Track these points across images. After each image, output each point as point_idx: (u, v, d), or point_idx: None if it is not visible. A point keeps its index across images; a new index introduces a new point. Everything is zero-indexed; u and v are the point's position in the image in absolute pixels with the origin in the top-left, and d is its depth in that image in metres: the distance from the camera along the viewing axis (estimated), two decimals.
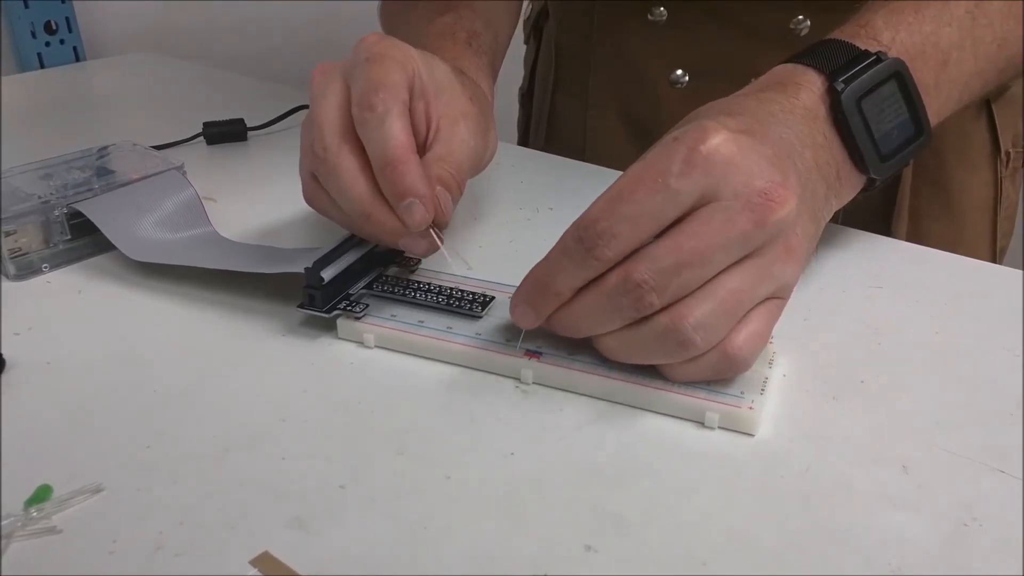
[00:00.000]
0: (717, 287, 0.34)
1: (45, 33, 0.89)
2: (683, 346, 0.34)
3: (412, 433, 0.35)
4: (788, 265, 0.35)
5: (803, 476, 0.33)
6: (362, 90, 0.41)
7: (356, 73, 0.42)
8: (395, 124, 0.40)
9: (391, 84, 0.41)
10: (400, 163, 0.40)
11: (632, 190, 0.34)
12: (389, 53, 0.42)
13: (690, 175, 0.33)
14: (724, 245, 0.33)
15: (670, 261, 0.33)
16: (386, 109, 0.40)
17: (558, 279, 0.35)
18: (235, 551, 0.29)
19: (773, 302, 0.36)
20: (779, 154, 0.36)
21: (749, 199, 0.33)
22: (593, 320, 0.35)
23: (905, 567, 0.29)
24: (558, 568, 0.29)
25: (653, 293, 0.33)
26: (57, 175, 0.51)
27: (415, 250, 0.43)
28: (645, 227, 0.33)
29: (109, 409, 0.37)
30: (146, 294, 0.45)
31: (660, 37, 0.63)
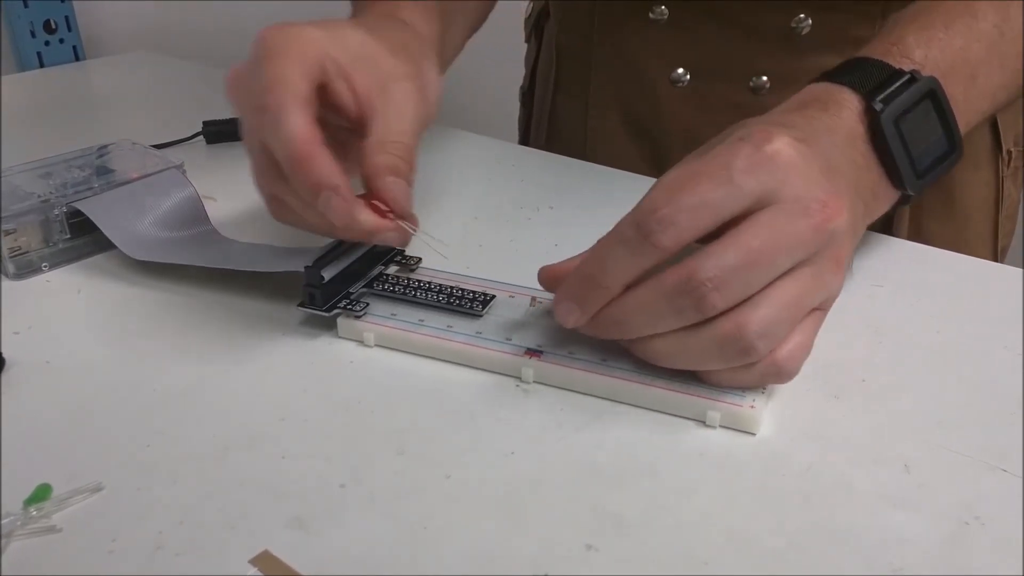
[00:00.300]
0: (779, 293, 0.33)
1: (45, 32, 0.89)
2: (745, 353, 0.33)
3: (412, 432, 0.35)
4: (837, 276, 0.35)
5: (804, 475, 0.33)
6: (254, 95, 0.39)
7: (253, 80, 0.40)
8: (290, 121, 0.38)
9: (281, 80, 0.39)
10: (303, 159, 0.38)
11: (695, 181, 0.33)
12: (282, 47, 0.40)
13: (754, 172, 0.33)
14: (788, 248, 0.33)
15: (735, 260, 0.33)
16: (278, 107, 0.38)
17: (609, 270, 0.34)
18: (235, 550, 0.29)
19: (817, 313, 0.36)
20: (829, 168, 0.36)
21: (808, 205, 0.33)
22: (647, 319, 0.34)
23: (906, 567, 0.29)
24: (558, 568, 0.29)
25: (717, 293, 0.33)
26: (57, 174, 0.51)
27: (387, 242, 0.41)
28: (705, 218, 0.33)
29: (109, 408, 0.37)
30: (146, 293, 0.45)
31: (661, 36, 0.62)
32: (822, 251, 0.34)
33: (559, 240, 0.51)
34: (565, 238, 0.51)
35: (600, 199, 0.56)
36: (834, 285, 0.36)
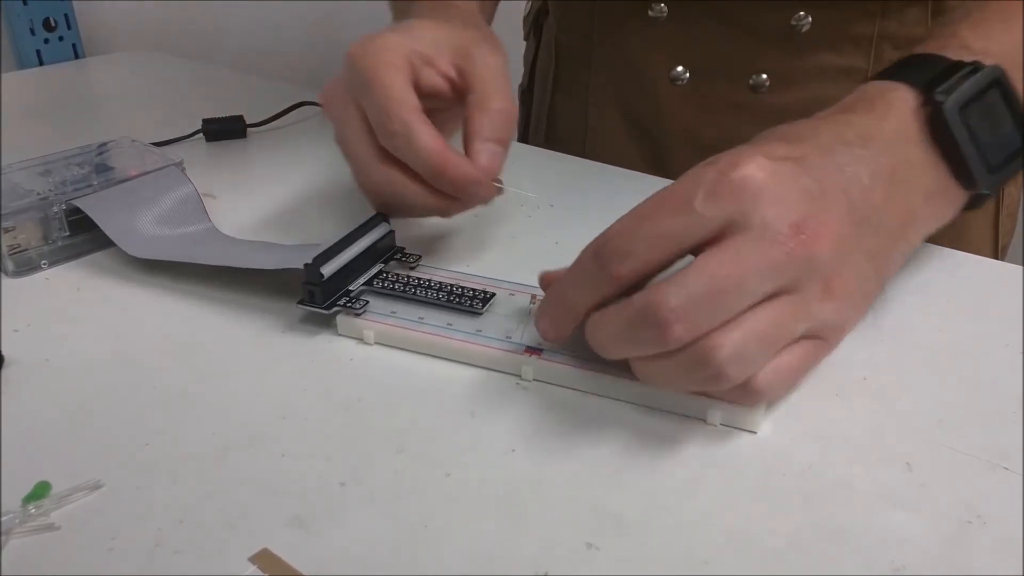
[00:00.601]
0: (753, 320, 0.32)
1: (44, 30, 0.89)
2: (715, 379, 0.32)
3: (412, 431, 0.35)
4: (828, 304, 0.33)
5: (805, 474, 0.33)
6: (377, 119, 0.42)
7: (363, 98, 0.43)
8: (419, 137, 0.42)
9: (396, 99, 0.42)
10: (442, 167, 0.42)
11: (655, 210, 0.33)
12: (378, 63, 0.43)
13: (716, 200, 0.32)
14: (756, 274, 0.32)
15: (701, 288, 0.31)
16: (404, 127, 0.42)
17: (573, 295, 0.35)
18: (235, 549, 0.29)
19: (812, 342, 0.34)
20: (827, 188, 0.34)
21: (780, 231, 0.32)
22: (615, 345, 0.34)
23: (907, 566, 0.29)
24: (559, 566, 0.29)
25: (680, 325, 0.31)
26: (56, 171, 0.51)
27: (485, 197, 0.44)
28: (663, 248, 0.33)
29: (108, 406, 0.37)
30: (145, 291, 0.45)
31: (660, 34, 0.62)
32: (806, 279, 0.33)
33: (559, 238, 0.50)
34: (565, 236, 0.51)
35: (600, 197, 0.56)
36: (826, 313, 0.34)
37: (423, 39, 0.45)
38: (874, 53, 0.58)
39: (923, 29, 0.58)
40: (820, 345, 0.35)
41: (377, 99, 0.42)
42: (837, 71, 0.59)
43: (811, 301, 0.33)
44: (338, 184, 0.59)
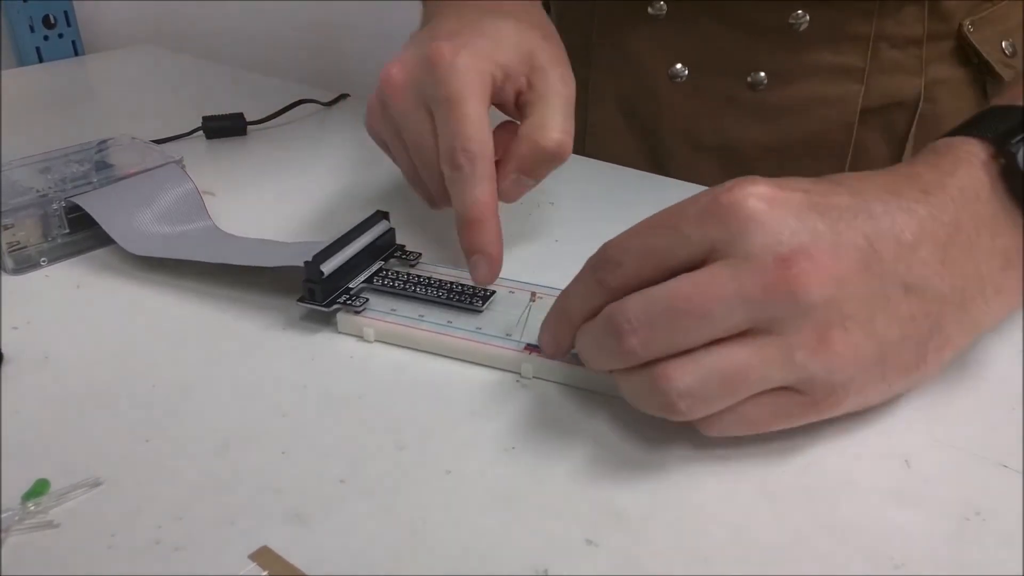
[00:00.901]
0: (719, 355, 0.30)
1: (44, 27, 0.89)
2: (669, 408, 0.31)
3: (412, 428, 0.35)
4: (818, 358, 0.30)
5: (805, 471, 0.33)
6: (448, 146, 0.41)
7: (437, 111, 0.42)
8: (478, 187, 0.41)
9: (473, 136, 0.41)
10: (477, 223, 0.41)
11: (650, 225, 0.33)
12: (464, 85, 0.41)
13: (703, 223, 0.31)
14: (726, 302, 0.30)
15: (663, 305, 0.30)
16: (471, 170, 0.41)
17: (570, 305, 0.35)
18: (234, 546, 0.29)
19: (792, 397, 0.31)
20: (844, 231, 0.31)
21: (764, 263, 0.30)
22: (590, 354, 0.34)
23: (907, 562, 0.29)
24: (559, 563, 0.29)
25: (635, 336, 0.30)
26: (55, 169, 0.51)
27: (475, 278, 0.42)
28: (648, 264, 0.32)
29: (107, 403, 0.37)
30: (145, 288, 0.45)
31: (660, 32, 0.62)
32: (789, 320, 0.30)
33: (559, 236, 0.50)
34: (565, 234, 0.51)
35: (600, 195, 0.56)
36: (813, 368, 0.30)
37: (506, 48, 0.44)
38: (871, 52, 0.58)
39: (920, 28, 0.58)
40: (802, 404, 0.31)
41: (453, 126, 0.41)
42: (834, 69, 0.59)
43: (795, 348, 0.30)
44: (338, 182, 0.59)
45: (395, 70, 0.43)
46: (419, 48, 0.43)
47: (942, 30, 0.59)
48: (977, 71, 0.61)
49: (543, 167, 0.44)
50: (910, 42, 0.58)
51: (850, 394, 0.31)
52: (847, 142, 0.60)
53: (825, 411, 0.32)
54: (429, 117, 0.42)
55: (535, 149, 0.43)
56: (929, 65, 0.59)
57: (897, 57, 0.58)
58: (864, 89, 0.59)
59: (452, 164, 0.41)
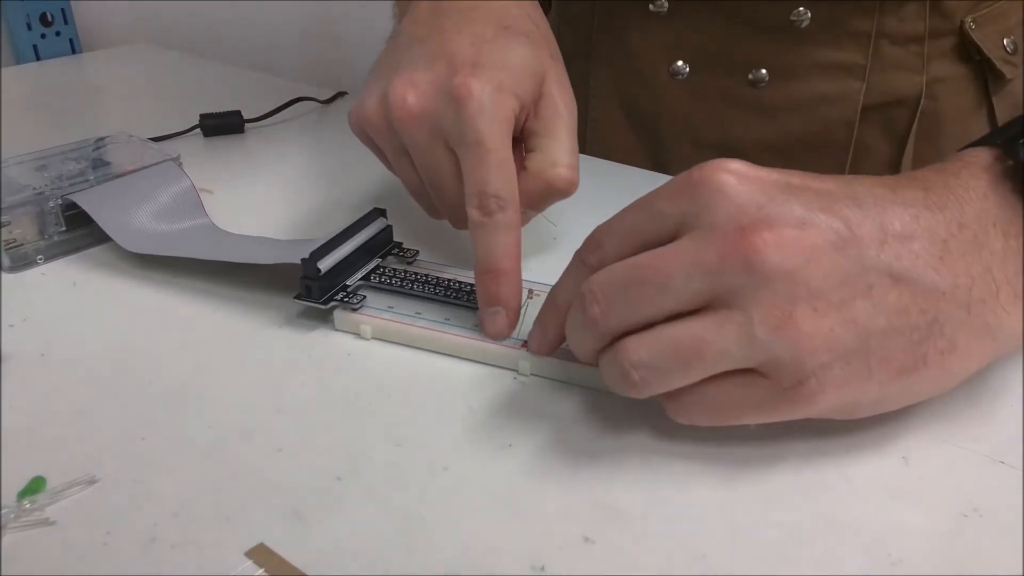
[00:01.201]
0: (676, 328, 0.30)
1: (41, 25, 0.89)
2: (624, 379, 0.31)
3: (409, 425, 0.35)
4: (781, 335, 0.29)
5: (802, 467, 0.32)
6: (479, 191, 0.39)
7: (461, 149, 0.40)
8: (509, 236, 0.39)
9: (508, 187, 0.39)
10: (502, 275, 0.39)
11: (630, 207, 0.33)
12: (491, 123, 0.39)
13: (673, 198, 0.31)
14: (684, 270, 0.30)
15: (623, 275, 0.31)
16: (503, 218, 0.39)
17: (558, 289, 0.36)
18: (230, 543, 0.29)
19: (755, 380, 0.30)
20: (820, 212, 0.30)
21: (725, 232, 0.29)
22: (568, 334, 0.34)
23: (905, 559, 0.28)
24: (556, 560, 0.29)
25: (596, 305, 0.31)
26: (52, 166, 0.51)
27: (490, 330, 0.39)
28: (626, 242, 0.33)
29: (104, 401, 0.36)
30: (141, 286, 0.45)
31: (661, 28, 0.62)
32: (748, 292, 0.29)
33: (557, 233, 0.50)
34: (563, 232, 0.51)
35: (599, 192, 0.56)
36: (776, 348, 0.29)
37: (523, 78, 0.41)
38: (872, 49, 0.58)
39: (921, 25, 0.58)
40: (771, 391, 0.30)
41: (484, 173, 0.39)
42: (836, 66, 0.59)
43: (755, 323, 0.29)
44: (336, 180, 0.59)
45: (411, 97, 0.40)
46: (431, 70, 0.41)
47: (943, 27, 0.59)
48: (978, 68, 0.61)
49: (551, 202, 0.43)
50: (911, 39, 0.58)
51: (826, 386, 0.29)
52: (848, 140, 0.60)
53: (799, 402, 0.30)
54: (450, 154, 0.41)
55: (545, 187, 0.42)
56: (930, 62, 0.59)
57: (898, 54, 0.58)
58: (865, 86, 0.58)
59: (483, 210, 0.39)
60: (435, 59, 0.41)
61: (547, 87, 0.43)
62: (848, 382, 0.30)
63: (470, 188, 0.39)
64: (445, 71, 0.40)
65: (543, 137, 0.42)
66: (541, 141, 0.42)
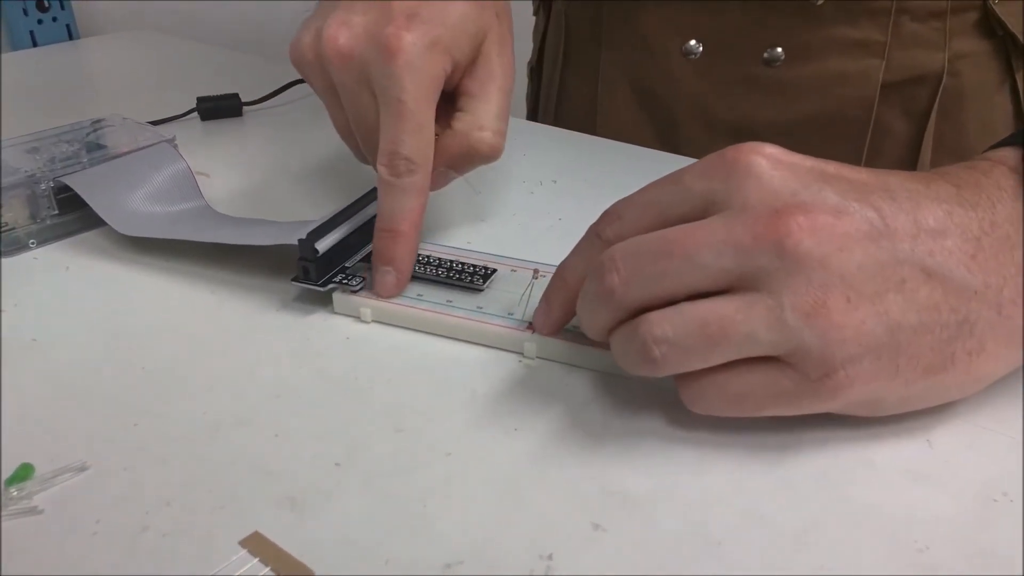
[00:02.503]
0: (698, 305, 0.29)
1: (37, 11, 0.88)
2: (643, 354, 0.30)
3: (410, 409, 0.34)
4: (812, 323, 0.28)
5: (822, 450, 0.31)
6: (391, 149, 0.39)
7: (386, 111, 0.39)
8: (413, 200, 0.39)
9: (420, 150, 0.39)
10: (399, 235, 0.39)
11: (654, 184, 0.32)
12: (418, 84, 0.38)
13: (704, 175, 0.30)
14: (713, 247, 0.28)
15: (647, 246, 0.30)
16: (410, 181, 0.39)
17: (568, 264, 0.34)
18: (224, 532, 0.28)
19: (780, 370, 0.29)
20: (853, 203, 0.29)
21: (758, 213, 0.28)
22: (582, 308, 0.33)
23: (932, 545, 0.27)
24: (564, 548, 0.27)
25: (615, 275, 0.30)
26: (45, 149, 0.50)
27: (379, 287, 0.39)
28: (648, 216, 0.31)
29: (96, 387, 0.35)
30: (136, 270, 0.44)
31: (673, 7, 0.61)
32: (779, 276, 0.28)
33: (563, 214, 0.49)
34: (568, 211, 0.49)
35: (605, 173, 0.55)
36: (805, 335, 0.28)
37: (461, 36, 0.40)
38: (892, 26, 0.56)
39: (943, 1, 0.56)
40: (796, 382, 0.29)
41: (398, 132, 0.39)
42: (853, 45, 0.57)
43: (786, 308, 0.28)
44: (334, 163, 0.58)
45: (342, 38, 0.39)
46: (367, 15, 0.40)
47: (966, 2, 0.57)
48: (1001, 43, 0.59)
49: (472, 166, 0.42)
50: (933, 15, 0.56)
51: (854, 381, 0.28)
52: (867, 119, 0.58)
53: (824, 396, 0.29)
54: (373, 99, 0.40)
55: (469, 149, 0.41)
56: (952, 38, 0.57)
57: (919, 31, 0.57)
58: (885, 64, 0.57)
59: (392, 170, 0.39)
60: (374, 5, 0.40)
61: (486, 47, 0.42)
62: (876, 378, 0.29)
63: (384, 146, 0.39)
64: (380, 18, 0.39)
65: (474, 98, 0.42)
66: (471, 102, 0.42)
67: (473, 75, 0.42)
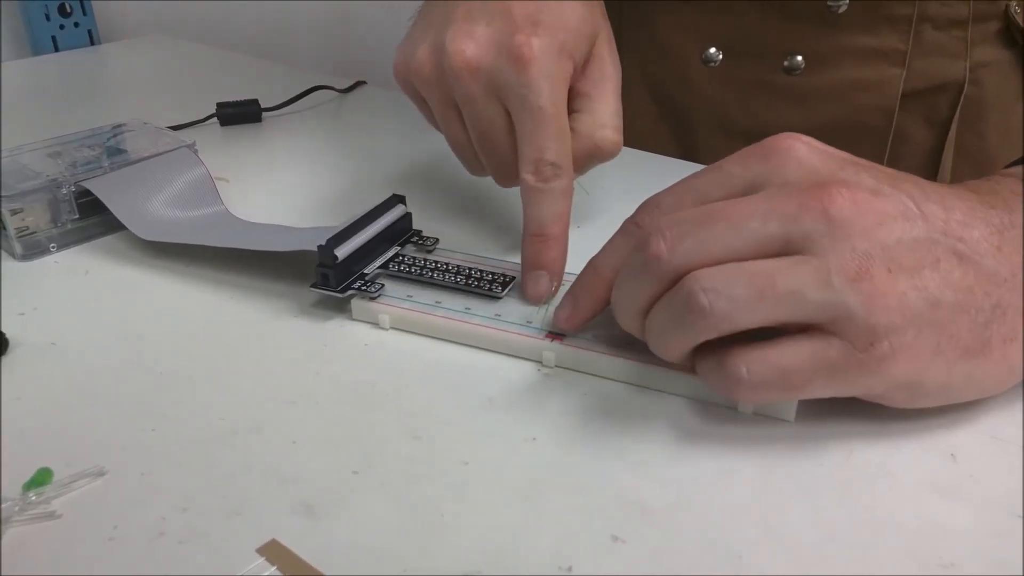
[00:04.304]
0: (746, 263, 0.29)
1: (59, 16, 0.88)
2: (690, 306, 0.29)
3: (428, 417, 0.33)
4: (856, 287, 0.28)
5: (843, 464, 0.31)
6: (536, 157, 0.39)
7: (524, 120, 0.39)
8: (560, 205, 0.39)
9: (565, 154, 0.39)
10: (551, 239, 0.39)
11: (692, 175, 0.33)
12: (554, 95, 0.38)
13: (744, 161, 0.32)
14: (760, 215, 0.29)
15: (694, 216, 0.30)
16: (558, 185, 0.39)
17: (602, 253, 0.35)
18: (241, 538, 0.28)
19: (828, 340, 0.29)
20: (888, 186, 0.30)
21: (802, 186, 0.30)
22: (619, 287, 0.33)
23: (957, 562, 0.27)
24: (582, 559, 0.27)
25: (662, 242, 0.30)
26: (66, 153, 0.50)
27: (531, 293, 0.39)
28: (686, 200, 0.32)
29: (114, 391, 0.35)
30: (155, 275, 0.44)
31: (693, 15, 0.60)
32: (831, 242, 0.28)
33: (581, 222, 0.49)
34: (587, 219, 0.49)
35: (624, 181, 0.54)
36: (851, 299, 0.28)
37: (579, 38, 0.41)
38: (913, 34, 0.56)
39: (965, 9, 0.55)
40: (841, 351, 0.29)
41: (542, 140, 0.39)
42: (874, 53, 0.57)
43: (832, 272, 0.28)
44: (354, 169, 0.58)
45: (470, 50, 0.39)
46: (491, 25, 0.39)
47: (988, 10, 0.56)
48: (1023, 52, 0.58)
49: (592, 165, 0.43)
50: (954, 23, 0.56)
51: (898, 352, 0.28)
52: (887, 128, 0.58)
53: (871, 367, 0.29)
54: (503, 111, 0.40)
55: (593, 148, 0.41)
56: (974, 47, 0.57)
57: (940, 39, 0.56)
58: (905, 73, 0.56)
59: (539, 176, 0.39)
60: (494, 13, 0.40)
61: (598, 48, 0.42)
62: (919, 353, 0.29)
63: (527, 154, 0.39)
64: (505, 27, 0.39)
65: (591, 99, 0.42)
66: (589, 103, 0.42)
67: (587, 76, 0.42)
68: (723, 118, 0.62)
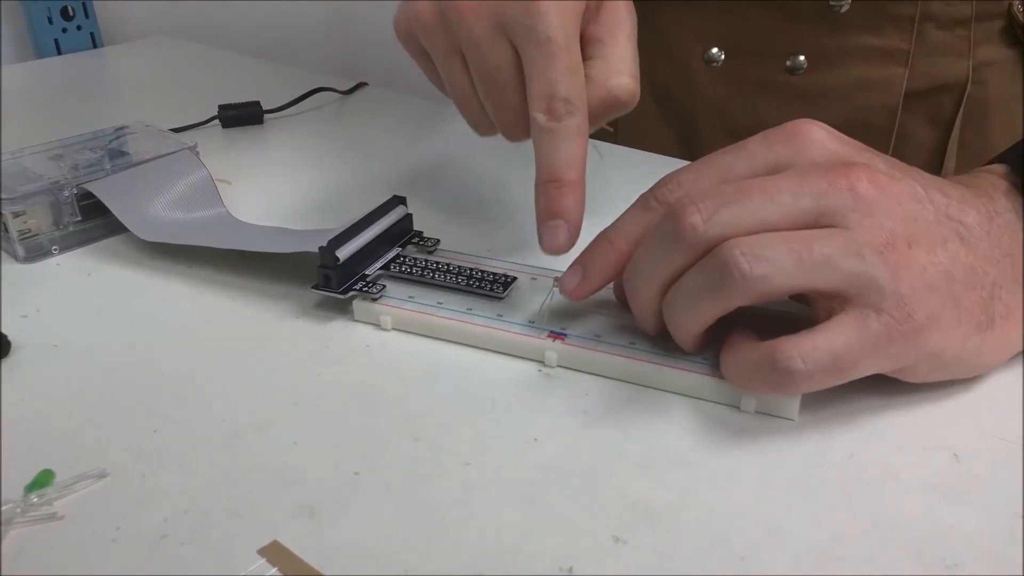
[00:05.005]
0: (783, 232, 0.30)
1: (62, 19, 0.88)
2: (727, 263, 0.30)
3: (430, 418, 0.33)
4: (885, 258, 0.30)
5: (846, 464, 0.31)
6: (547, 93, 0.36)
7: (533, 54, 0.36)
8: (575, 146, 0.37)
9: (579, 90, 0.37)
10: (566, 185, 0.37)
11: (713, 153, 0.34)
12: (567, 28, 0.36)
13: (769, 141, 0.33)
14: (791, 190, 0.31)
15: (728, 192, 0.31)
16: (572, 124, 0.37)
17: (619, 226, 0.35)
18: (243, 540, 0.28)
19: (866, 315, 0.30)
20: (900, 169, 0.33)
21: (828, 166, 0.32)
22: (642, 257, 0.33)
23: (961, 564, 0.27)
24: (584, 561, 0.27)
25: (696, 213, 0.31)
26: (68, 156, 0.50)
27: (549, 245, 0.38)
28: (709, 176, 0.33)
29: (116, 393, 0.35)
30: (157, 277, 0.44)
31: (696, 15, 0.60)
32: (860, 218, 0.30)
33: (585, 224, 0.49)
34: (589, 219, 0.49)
35: (625, 181, 0.54)
36: (880, 271, 0.30)
37: None
38: (916, 34, 0.56)
39: (968, 8, 0.55)
40: (879, 324, 0.30)
41: (554, 74, 0.36)
42: (877, 52, 0.56)
43: (863, 244, 0.30)
44: (356, 171, 0.58)
45: None
46: None
47: (991, 10, 0.56)
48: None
49: (608, 116, 0.41)
50: (957, 23, 0.56)
51: (931, 321, 0.30)
52: (890, 127, 0.58)
53: (911, 336, 0.30)
54: (512, 52, 0.37)
55: (608, 96, 0.39)
56: (977, 46, 0.56)
57: (944, 38, 0.56)
58: (908, 72, 0.56)
59: (551, 114, 0.36)
60: None
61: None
62: (947, 323, 0.31)
63: (538, 90, 0.37)
64: None
65: (604, 44, 0.40)
66: (602, 48, 0.40)
67: (600, 20, 0.40)
68: (726, 118, 0.62)
